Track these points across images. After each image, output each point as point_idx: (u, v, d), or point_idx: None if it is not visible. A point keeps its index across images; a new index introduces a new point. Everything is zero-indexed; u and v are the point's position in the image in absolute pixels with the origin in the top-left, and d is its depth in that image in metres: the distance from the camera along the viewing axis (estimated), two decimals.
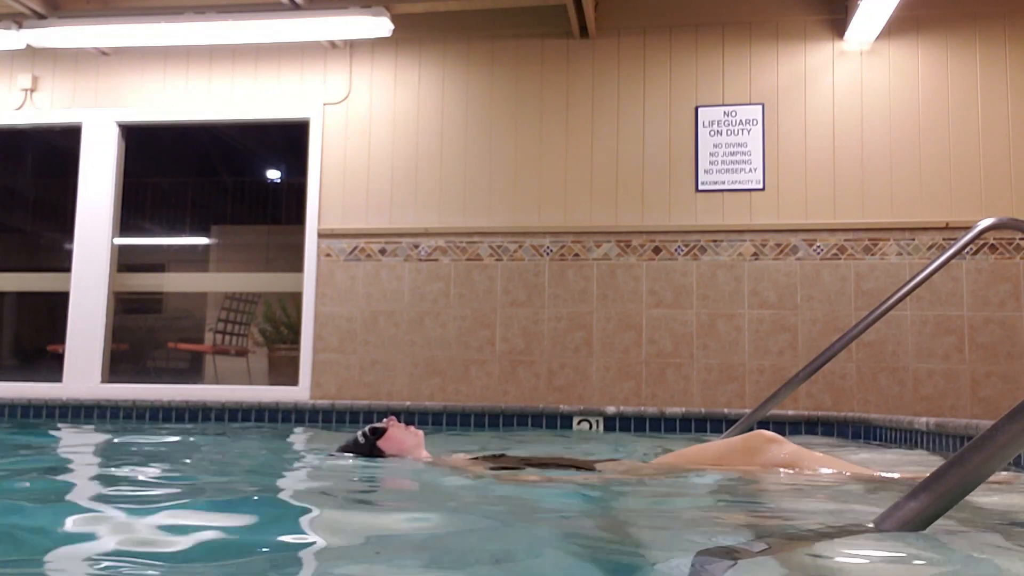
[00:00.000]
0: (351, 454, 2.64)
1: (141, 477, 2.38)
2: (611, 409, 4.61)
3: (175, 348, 8.58)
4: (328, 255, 5.23)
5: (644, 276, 4.94)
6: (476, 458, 2.54)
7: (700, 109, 5.03)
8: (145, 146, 6.86)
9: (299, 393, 5.14)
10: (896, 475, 2.43)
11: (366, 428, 2.61)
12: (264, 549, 1.38)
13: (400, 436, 2.58)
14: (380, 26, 4.81)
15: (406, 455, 2.59)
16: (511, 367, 4.99)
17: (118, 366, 5.89)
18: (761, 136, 4.95)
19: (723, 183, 4.95)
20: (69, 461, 2.99)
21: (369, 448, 2.59)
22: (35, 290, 6.97)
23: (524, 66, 5.24)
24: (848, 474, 2.40)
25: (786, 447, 2.42)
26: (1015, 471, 2.55)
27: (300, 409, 4.87)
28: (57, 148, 7.94)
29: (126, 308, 8.60)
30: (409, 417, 4.74)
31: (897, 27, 4.85)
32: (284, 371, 6.22)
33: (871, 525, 1.35)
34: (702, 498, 2.07)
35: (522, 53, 5.25)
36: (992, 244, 4.67)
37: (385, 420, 2.65)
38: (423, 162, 5.25)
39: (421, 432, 2.65)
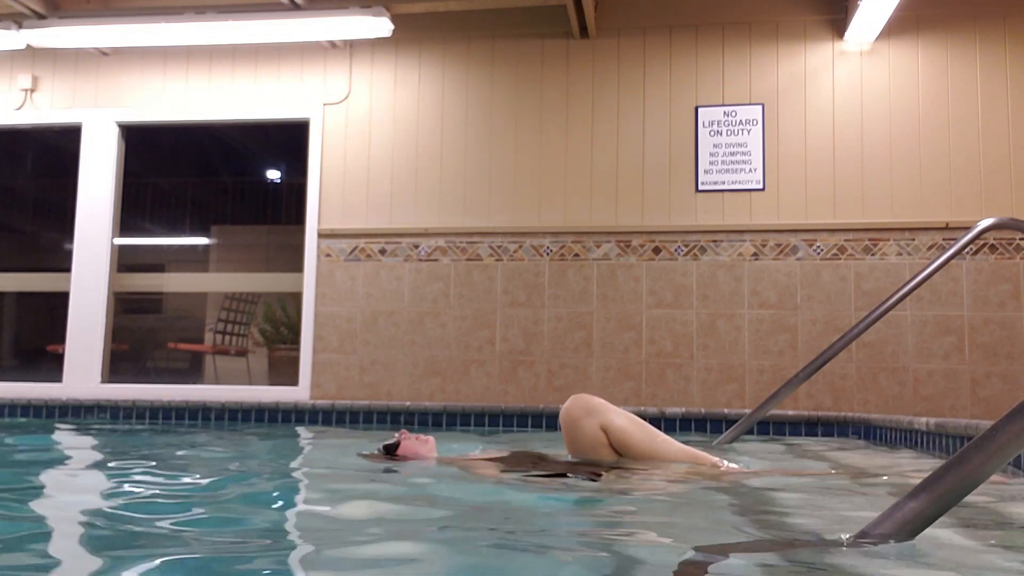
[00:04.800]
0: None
1: (141, 478, 2.38)
2: None
3: (175, 348, 8.58)
4: (328, 255, 5.23)
5: (644, 276, 4.94)
6: (489, 459, 2.55)
7: (700, 109, 5.03)
8: (145, 146, 6.86)
9: (299, 393, 5.14)
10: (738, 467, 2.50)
11: (380, 446, 2.66)
12: (264, 550, 1.38)
13: (413, 447, 2.64)
14: (380, 26, 4.81)
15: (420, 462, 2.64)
16: (511, 367, 4.99)
17: (118, 366, 5.88)
18: (761, 136, 4.95)
19: (723, 183, 4.94)
20: (79, 461, 2.99)
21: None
22: (35, 290, 6.97)
23: (524, 66, 5.24)
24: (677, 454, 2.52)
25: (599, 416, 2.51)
26: (1014, 472, 2.55)
27: (300, 409, 4.87)
28: (57, 148, 7.94)
29: (126, 308, 8.60)
30: (409, 417, 4.74)
31: (897, 27, 4.85)
32: (284, 371, 6.22)
33: (870, 526, 1.35)
34: (704, 501, 2.07)
35: (522, 53, 5.25)
36: (992, 244, 4.67)
37: (397, 435, 2.69)
38: (423, 162, 5.25)
39: (431, 438, 2.70)
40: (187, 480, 2.34)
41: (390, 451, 2.63)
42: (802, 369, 3.74)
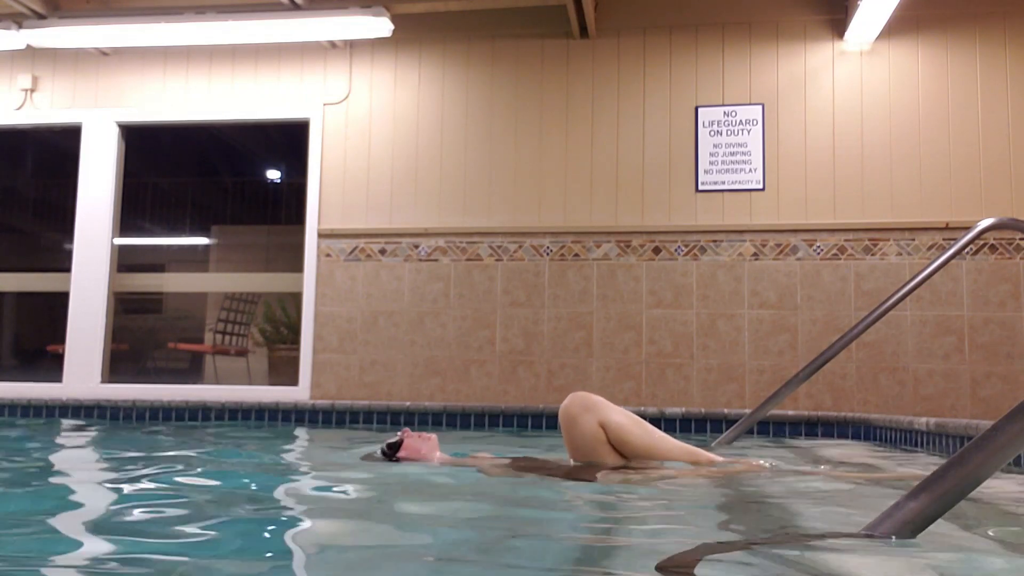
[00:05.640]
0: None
1: (140, 478, 2.38)
2: None
3: (175, 348, 8.58)
4: (328, 255, 5.23)
5: (644, 276, 4.94)
6: (495, 463, 2.56)
7: (700, 109, 5.03)
8: (145, 146, 6.86)
9: (299, 393, 5.14)
10: (737, 464, 2.51)
11: (384, 444, 2.67)
12: (264, 550, 1.38)
13: (415, 445, 2.66)
14: (380, 26, 4.81)
15: (423, 460, 2.64)
16: (511, 367, 4.99)
17: (118, 366, 5.88)
18: (761, 136, 4.95)
19: (723, 183, 4.95)
20: (78, 462, 2.99)
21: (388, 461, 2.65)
22: (35, 290, 6.97)
23: (524, 66, 5.24)
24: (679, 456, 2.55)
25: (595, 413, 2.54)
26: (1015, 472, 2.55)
27: (300, 409, 4.87)
28: (57, 148, 7.94)
29: (126, 308, 8.60)
30: (409, 417, 4.74)
31: (897, 27, 4.85)
32: (284, 371, 6.21)
33: (870, 525, 1.35)
34: (702, 499, 2.07)
35: (522, 53, 5.25)
36: (992, 244, 4.67)
37: (399, 433, 2.70)
38: (423, 162, 5.25)
39: (434, 436, 2.72)
40: (186, 480, 2.33)
41: (393, 450, 2.64)
42: (802, 369, 3.74)
